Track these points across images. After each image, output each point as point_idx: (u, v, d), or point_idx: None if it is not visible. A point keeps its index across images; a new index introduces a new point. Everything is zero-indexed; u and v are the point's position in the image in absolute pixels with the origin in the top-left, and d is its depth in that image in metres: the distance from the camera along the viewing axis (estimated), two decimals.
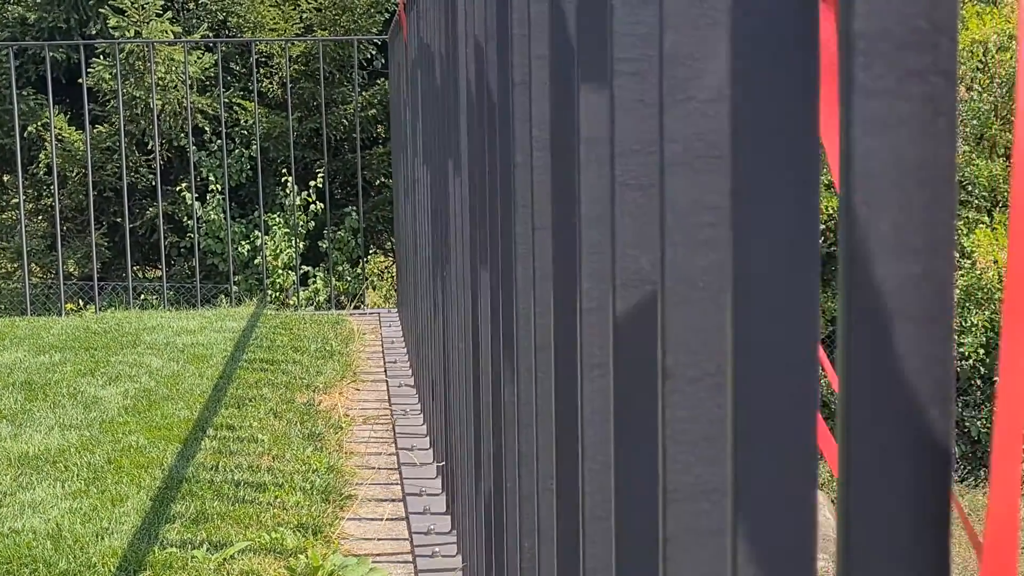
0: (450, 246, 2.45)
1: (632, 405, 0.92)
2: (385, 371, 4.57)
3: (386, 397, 4.17)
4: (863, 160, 0.50)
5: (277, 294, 8.65)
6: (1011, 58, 8.60)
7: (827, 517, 4.43)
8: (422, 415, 3.73)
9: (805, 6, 0.61)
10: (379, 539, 2.79)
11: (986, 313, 8.72)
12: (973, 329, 8.64)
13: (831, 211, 8.22)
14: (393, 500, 3.06)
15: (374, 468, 3.35)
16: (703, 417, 0.76)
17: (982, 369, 8.88)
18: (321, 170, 8.56)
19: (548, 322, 1.22)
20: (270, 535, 2.74)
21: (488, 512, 1.88)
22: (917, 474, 0.52)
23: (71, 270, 10.17)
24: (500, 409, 1.68)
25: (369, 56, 9.66)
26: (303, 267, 9.06)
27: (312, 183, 8.83)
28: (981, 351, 8.79)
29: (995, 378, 8.74)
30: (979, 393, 8.94)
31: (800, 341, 0.63)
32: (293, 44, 9.26)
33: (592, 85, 1.01)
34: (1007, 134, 9.10)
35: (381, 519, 2.93)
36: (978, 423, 8.83)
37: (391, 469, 3.33)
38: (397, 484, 3.18)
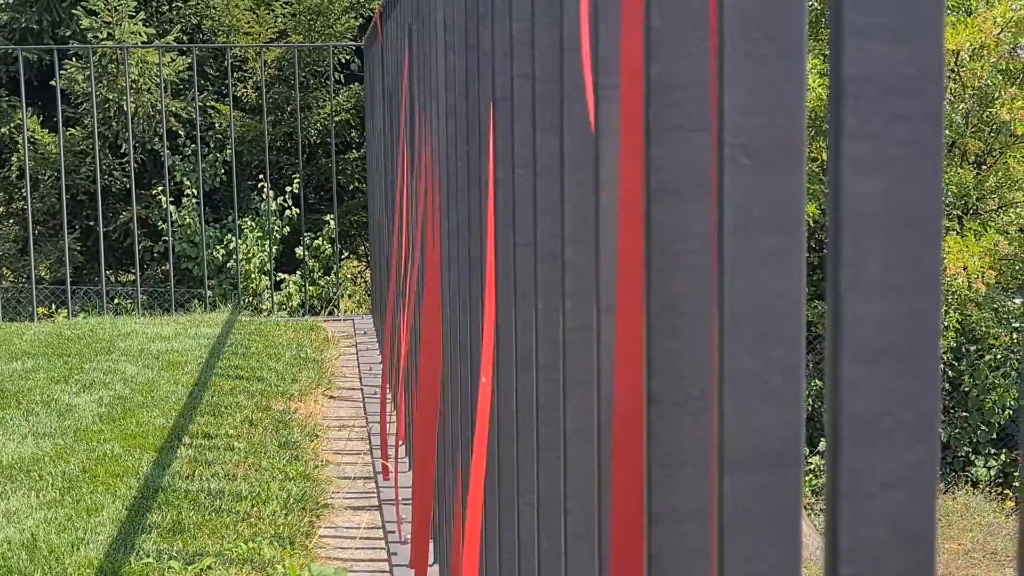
0: (427, 256, 2.45)
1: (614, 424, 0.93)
2: (360, 378, 4.57)
3: (361, 404, 4.17)
4: (851, 201, 0.51)
5: (250, 299, 8.62)
6: (983, 67, 8.69)
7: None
8: (397, 423, 3.73)
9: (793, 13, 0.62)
10: (356, 549, 2.79)
11: (955, 318, 8.79)
12: (944, 334, 8.72)
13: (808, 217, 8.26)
14: (369, 509, 3.06)
15: (350, 477, 3.35)
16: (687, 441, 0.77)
17: (950, 373, 8.95)
18: (296, 175, 8.54)
19: (531, 339, 1.23)
20: (247, 545, 2.73)
21: (466, 524, 1.88)
22: (902, 506, 0.53)
23: (43, 274, 10.09)
24: (480, 422, 1.68)
25: (343, 60, 9.65)
26: (278, 274, 9.03)
27: (288, 188, 8.80)
28: (949, 355, 8.86)
29: (963, 385, 8.83)
30: (947, 398, 9.01)
31: (784, 365, 0.64)
32: (268, 49, 9.24)
33: (576, 108, 1.02)
34: (978, 142, 9.20)
35: (358, 528, 2.93)
36: (946, 428, 8.91)
37: (367, 478, 3.33)
38: (373, 493, 3.18)
